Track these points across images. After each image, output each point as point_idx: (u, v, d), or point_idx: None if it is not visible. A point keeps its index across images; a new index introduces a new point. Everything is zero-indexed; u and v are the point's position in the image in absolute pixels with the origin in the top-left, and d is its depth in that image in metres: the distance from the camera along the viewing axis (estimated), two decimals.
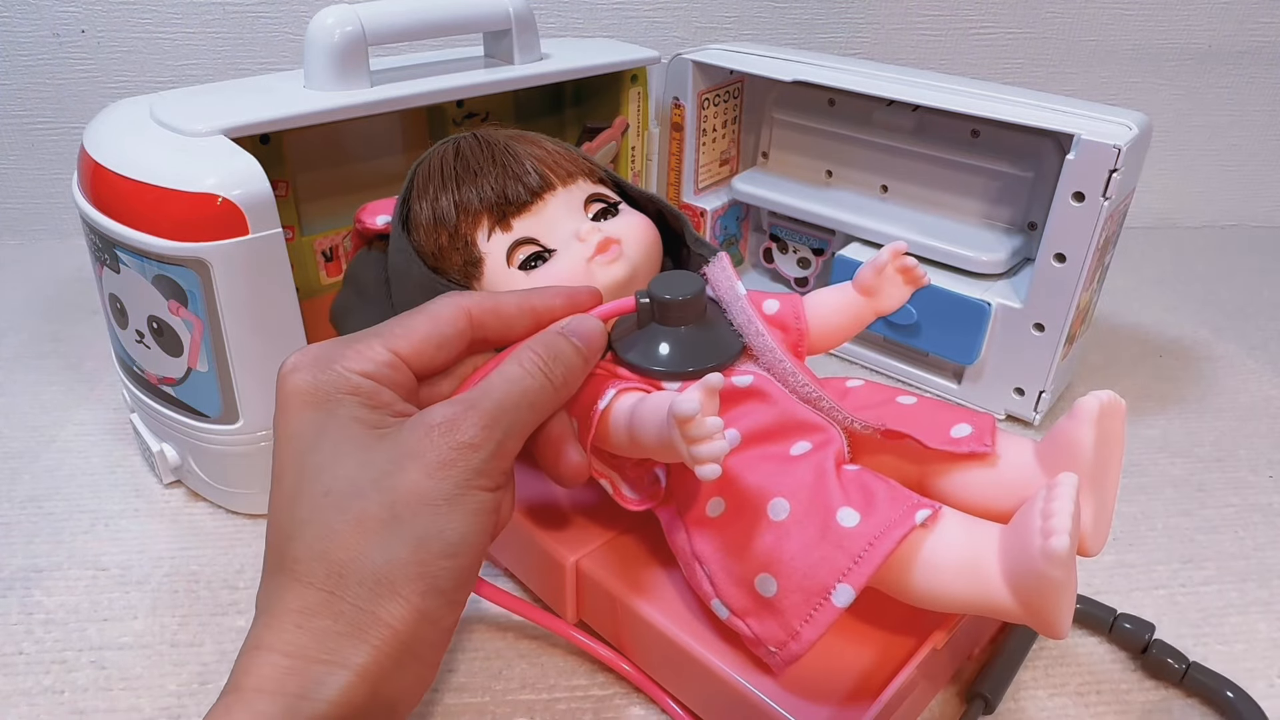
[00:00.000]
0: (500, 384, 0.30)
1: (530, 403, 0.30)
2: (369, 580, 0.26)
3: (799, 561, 0.29)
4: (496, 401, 0.29)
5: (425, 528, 0.27)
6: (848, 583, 0.28)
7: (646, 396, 0.32)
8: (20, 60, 0.71)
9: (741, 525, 0.31)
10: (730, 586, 0.31)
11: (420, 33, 0.47)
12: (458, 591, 0.28)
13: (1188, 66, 0.81)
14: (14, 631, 0.39)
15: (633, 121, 0.60)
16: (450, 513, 0.27)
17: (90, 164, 0.40)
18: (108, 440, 0.51)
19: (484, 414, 0.29)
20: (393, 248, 0.39)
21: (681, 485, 0.34)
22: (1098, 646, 0.39)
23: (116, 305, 0.42)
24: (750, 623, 0.31)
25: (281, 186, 0.50)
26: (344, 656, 0.26)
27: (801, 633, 0.29)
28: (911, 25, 0.78)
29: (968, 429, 0.33)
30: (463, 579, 0.28)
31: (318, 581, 0.26)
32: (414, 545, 0.27)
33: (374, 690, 0.26)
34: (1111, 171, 0.44)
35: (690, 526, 0.33)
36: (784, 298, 0.38)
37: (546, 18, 0.74)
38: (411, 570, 0.27)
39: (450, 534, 0.27)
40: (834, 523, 0.29)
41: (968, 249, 0.53)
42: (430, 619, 0.27)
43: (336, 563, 0.27)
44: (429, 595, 0.27)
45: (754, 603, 0.31)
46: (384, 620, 0.26)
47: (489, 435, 0.28)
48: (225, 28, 0.71)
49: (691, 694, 0.34)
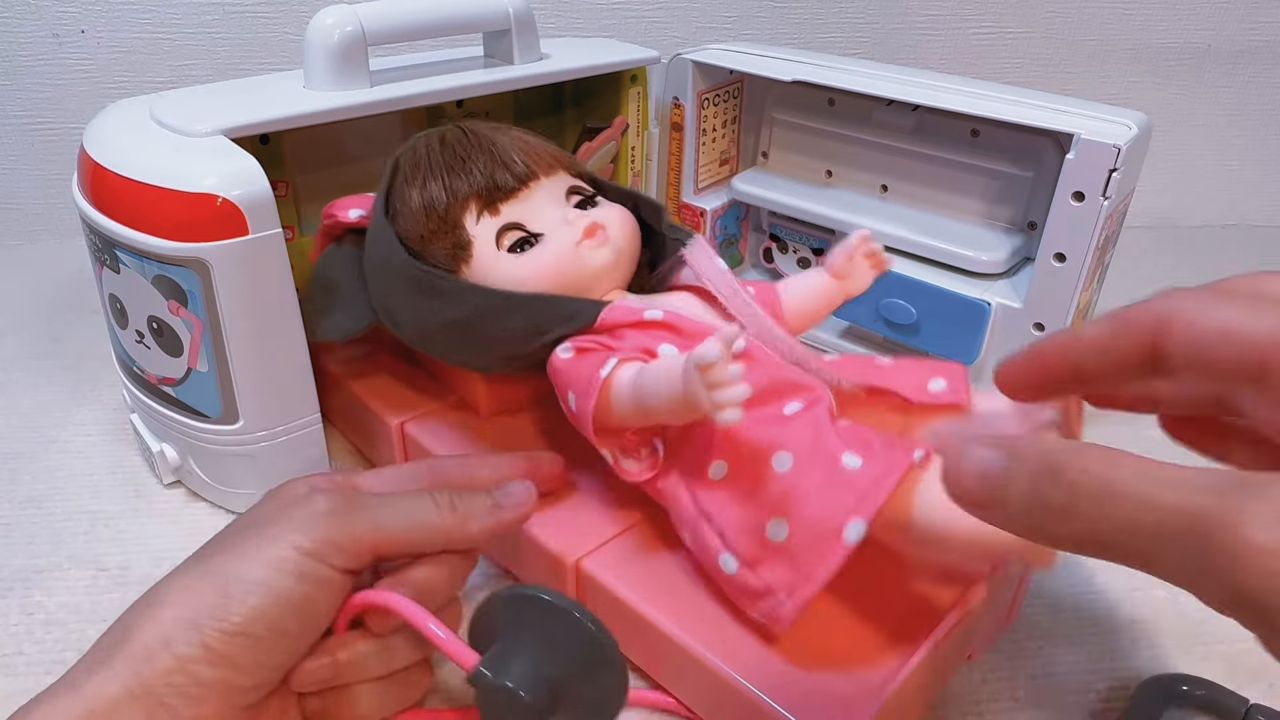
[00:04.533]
0: (395, 497, 0.31)
1: (407, 514, 0.31)
2: (144, 601, 0.28)
3: (810, 504, 0.30)
4: (374, 496, 0.31)
5: (214, 563, 0.28)
6: (859, 517, 0.29)
7: (648, 363, 0.34)
8: (20, 60, 0.71)
9: (747, 480, 0.32)
10: (740, 536, 0.32)
11: (420, 33, 0.47)
12: (219, 640, 0.26)
13: (1188, 66, 0.81)
14: (14, 632, 0.39)
15: (632, 121, 0.60)
16: (244, 554, 0.28)
17: (90, 164, 0.40)
18: (108, 440, 0.51)
19: (340, 497, 0.30)
20: (371, 239, 0.40)
21: (682, 453, 0.35)
22: None
23: (116, 305, 0.42)
24: (761, 571, 0.31)
25: (281, 186, 0.51)
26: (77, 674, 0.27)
27: (814, 573, 0.30)
28: (911, 25, 0.78)
29: (943, 383, 0.35)
30: (230, 627, 0.26)
31: (129, 611, 0.28)
32: (194, 576, 0.28)
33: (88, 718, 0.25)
34: (1111, 171, 0.44)
35: (695, 490, 0.34)
36: (759, 284, 0.40)
37: (546, 18, 0.74)
38: (177, 596, 0.27)
39: (230, 571, 0.28)
40: (839, 467, 0.30)
41: (968, 249, 0.53)
42: (174, 654, 0.26)
43: (149, 594, 0.28)
44: (182, 625, 0.26)
45: (765, 550, 0.31)
46: (130, 636, 0.27)
47: (333, 504, 0.29)
48: (225, 28, 0.71)
49: (693, 693, 0.34)
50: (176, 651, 0.26)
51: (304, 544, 0.28)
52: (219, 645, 0.26)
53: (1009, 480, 0.20)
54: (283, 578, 0.27)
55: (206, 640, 0.26)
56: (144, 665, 0.26)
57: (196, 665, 0.26)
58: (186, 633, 0.26)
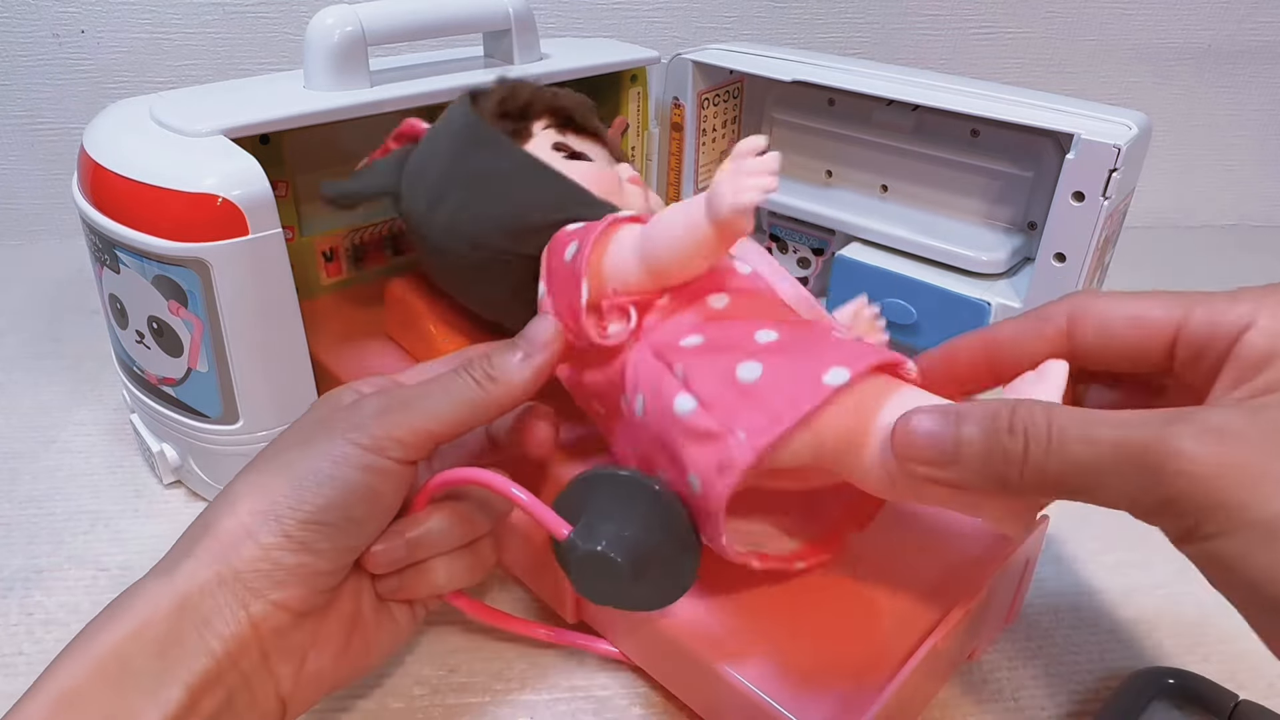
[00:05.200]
0: (431, 384, 0.32)
1: (446, 392, 0.32)
2: (220, 499, 0.29)
3: (790, 353, 0.29)
4: (413, 386, 0.32)
5: (283, 460, 0.30)
6: (843, 365, 0.27)
7: (654, 222, 0.33)
8: (20, 60, 0.71)
9: (726, 343, 0.31)
10: (704, 378, 0.29)
11: (420, 33, 0.47)
12: (298, 528, 0.28)
13: (1188, 66, 0.81)
14: (14, 632, 0.39)
15: (633, 121, 0.60)
16: (311, 452, 0.30)
17: (90, 164, 0.40)
18: (108, 440, 0.51)
19: (389, 395, 0.31)
20: (443, 118, 0.42)
21: (657, 327, 0.33)
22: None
23: (116, 305, 0.42)
24: (717, 414, 0.29)
25: (281, 186, 0.50)
26: (165, 565, 0.28)
27: (783, 413, 0.27)
28: (911, 25, 0.78)
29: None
30: (305, 516, 0.28)
31: (204, 512, 0.30)
32: (266, 473, 0.30)
33: (182, 600, 0.27)
34: (1111, 171, 0.44)
35: (665, 354, 0.32)
36: None
37: (546, 18, 0.74)
38: (254, 491, 0.29)
39: (301, 467, 0.29)
40: (830, 336, 0.30)
41: (968, 249, 0.53)
42: (258, 542, 0.28)
43: (217, 495, 0.30)
44: (261, 517, 0.28)
45: (729, 389, 0.29)
46: (212, 529, 0.28)
47: (380, 402, 0.31)
48: (225, 28, 0.71)
49: (692, 693, 0.34)
50: (260, 540, 0.28)
51: (364, 440, 0.30)
52: (297, 533, 0.28)
53: (960, 438, 0.24)
54: (349, 471, 0.29)
55: (286, 529, 0.28)
56: (230, 553, 0.28)
57: (278, 552, 0.28)
58: (267, 523, 0.28)
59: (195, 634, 0.27)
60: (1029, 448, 0.24)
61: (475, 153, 0.40)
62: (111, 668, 0.26)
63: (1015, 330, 0.29)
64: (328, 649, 0.30)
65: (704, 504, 0.29)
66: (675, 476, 0.30)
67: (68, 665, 0.26)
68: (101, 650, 0.26)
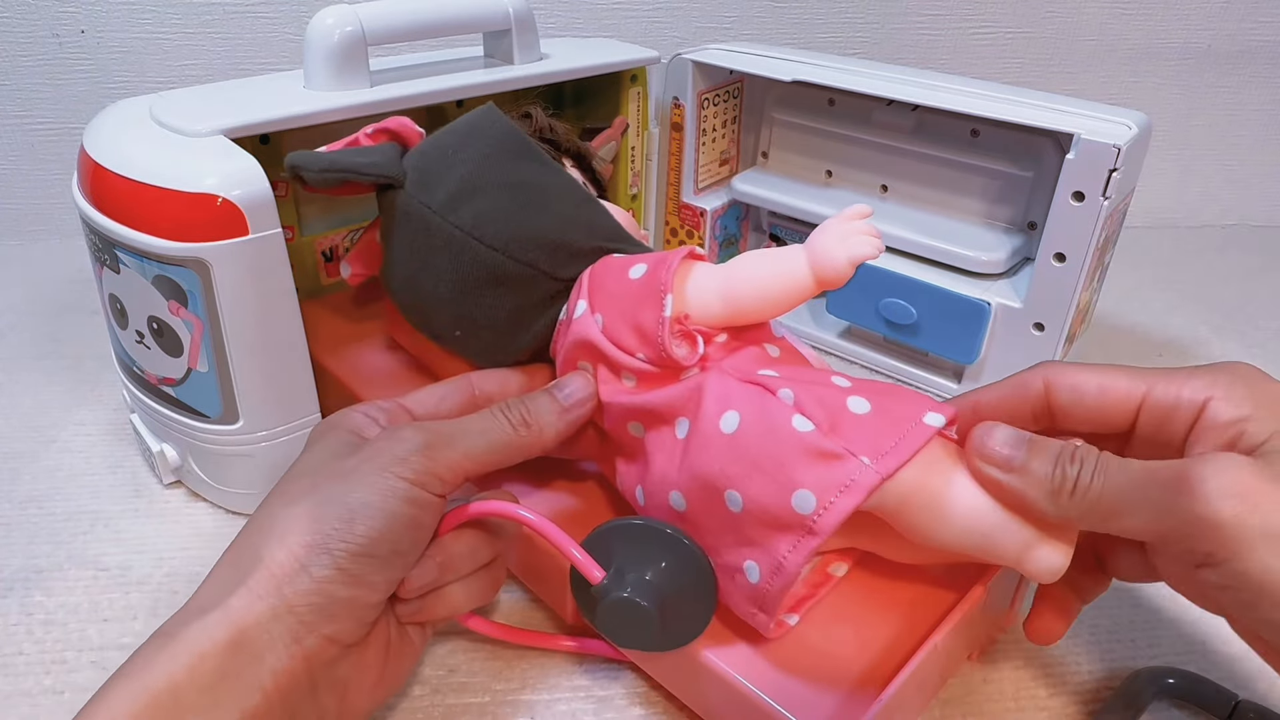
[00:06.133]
0: (471, 416, 0.34)
1: (483, 433, 0.33)
2: (265, 528, 0.30)
3: (885, 396, 0.31)
4: (450, 424, 0.33)
5: (329, 493, 0.30)
6: (935, 410, 0.31)
7: (738, 263, 0.35)
8: (20, 60, 0.71)
9: (814, 380, 0.32)
10: (816, 406, 0.31)
11: (420, 33, 0.47)
12: (350, 561, 0.29)
13: (1188, 66, 0.81)
14: (14, 632, 0.39)
15: (633, 121, 0.60)
16: (356, 485, 0.30)
17: (90, 164, 0.40)
18: (108, 440, 0.51)
19: (428, 430, 0.32)
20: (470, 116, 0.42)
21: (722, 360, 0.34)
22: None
23: (116, 305, 0.42)
24: (836, 439, 0.30)
25: (281, 186, 0.50)
26: (215, 595, 0.28)
27: (898, 446, 0.29)
28: (911, 25, 0.78)
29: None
30: (357, 549, 0.29)
31: (239, 543, 0.30)
32: (313, 505, 0.30)
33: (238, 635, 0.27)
34: (1111, 171, 0.44)
35: (759, 380, 0.33)
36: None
37: (546, 18, 0.74)
38: (303, 524, 0.29)
39: (351, 500, 0.29)
40: (892, 386, 0.33)
41: (968, 249, 0.53)
42: (312, 576, 0.28)
43: (253, 521, 0.30)
44: (314, 550, 0.28)
45: (845, 419, 0.30)
46: (264, 560, 0.28)
47: (423, 440, 0.31)
48: (225, 28, 0.71)
49: (692, 693, 0.34)
50: (314, 574, 0.28)
51: (409, 475, 0.30)
52: (349, 565, 0.29)
53: (1031, 454, 0.29)
54: (396, 504, 0.30)
55: (339, 562, 0.28)
56: (284, 586, 0.28)
57: (332, 585, 0.28)
58: (320, 556, 0.28)
59: (249, 670, 0.27)
60: (1081, 472, 0.28)
61: (519, 162, 0.39)
62: (166, 702, 0.25)
63: (999, 395, 0.34)
64: (367, 678, 0.31)
65: (813, 524, 0.29)
66: (768, 492, 0.30)
67: (120, 696, 0.26)
68: (155, 683, 0.26)
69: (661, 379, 0.34)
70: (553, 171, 0.40)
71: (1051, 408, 0.33)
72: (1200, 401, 0.30)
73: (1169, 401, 0.30)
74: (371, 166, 0.39)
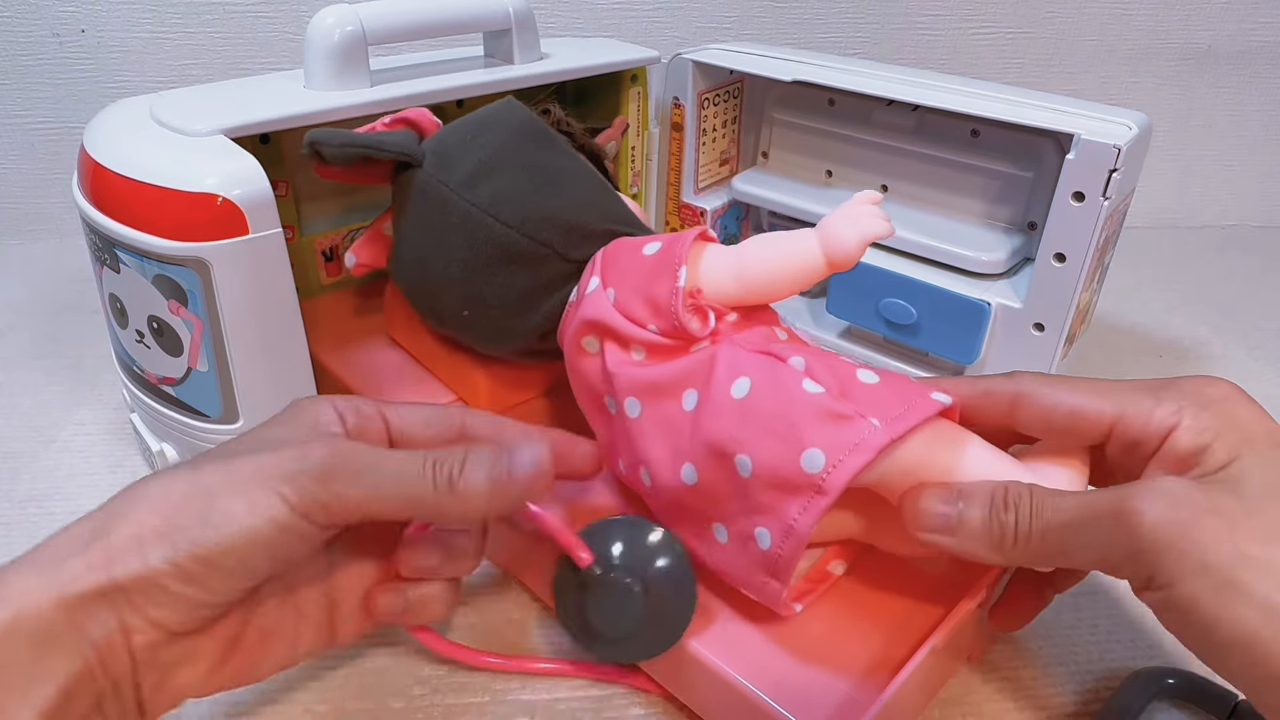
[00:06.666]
0: (398, 454, 0.30)
1: (398, 482, 0.30)
2: (138, 494, 0.28)
3: (888, 374, 0.32)
4: (368, 455, 0.30)
5: (205, 480, 0.28)
6: (940, 390, 0.31)
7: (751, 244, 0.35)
8: (20, 60, 0.71)
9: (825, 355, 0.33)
10: (826, 373, 0.31)
11: (420, 33, 0.47)
12: (190, 560, 0.27)
13: (1188, 66, 0.81)
14: None
15: (633, 121, 0.60)
16: (233, 483, 0.28)
17: (90, 164, 0.40)
18: (108, 440, 0.51)
19: (340, 454, 0.29)
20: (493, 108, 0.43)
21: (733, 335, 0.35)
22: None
23: (116, 305, 0.42)
24: (846, 403, 0.30)
25: (281, 186, 0.50)
26: (61, 550, 0.27)
27: (907, 413, 0.30)
28: (911, 25, 0.78)
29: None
30: (201, 553, 0.27)
31: (109, 501, 0.29)
32: (185, 486, 0.28)
33: (59, 602, 0.26)
34: (1111, 171, 0.44)
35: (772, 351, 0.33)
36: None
37: (546, 18, 0.74)
38: (163, 505, 0.28)
39: (218, 499, 0.28)
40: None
41: (968, 249, 0.53)
42: (146, 561, 0.27)
43: (145, 479, 0.29)
44: (158, 537, 0.27)
45: (854, 387, 0.31)
46: (110, 532, 0.27)
47: (326, 463, 0.29)
48: (225, 28, 0.71)
49: (691, 693, 0.34)
50: (149, 561, 0.27)
51: (292, 498, 0.28)
52: (187, 564, 0.27)
53: (966, 505, 0.29)
54: (264, 525, 0.28)
55: (178, 560, 0.27)
56: (116, 563, 0.27)
57: (165, 578, 0.27)
58: (161, 546, 0.27)
59: (71, 635, 0.26)
60: (1018, 518, 0.29)
61: (538, 148, 0.40)
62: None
63: (967, 395, 0.34)
64: (199, 666, 0.29)
65: (822, 482, 0.29)
66: (778, 453, 0.30)
67: None
68: None
69: (671, 351, 0.34)
70: (570, 158, 0.41)
71: (1019, 428, 0.33)
72: (1167, 429, 0.30)
73: (1137, 429, 0.30)
74: (392, 144, 0.40)
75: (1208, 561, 0.25)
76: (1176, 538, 0.26)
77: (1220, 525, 0.26)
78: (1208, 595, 0.25)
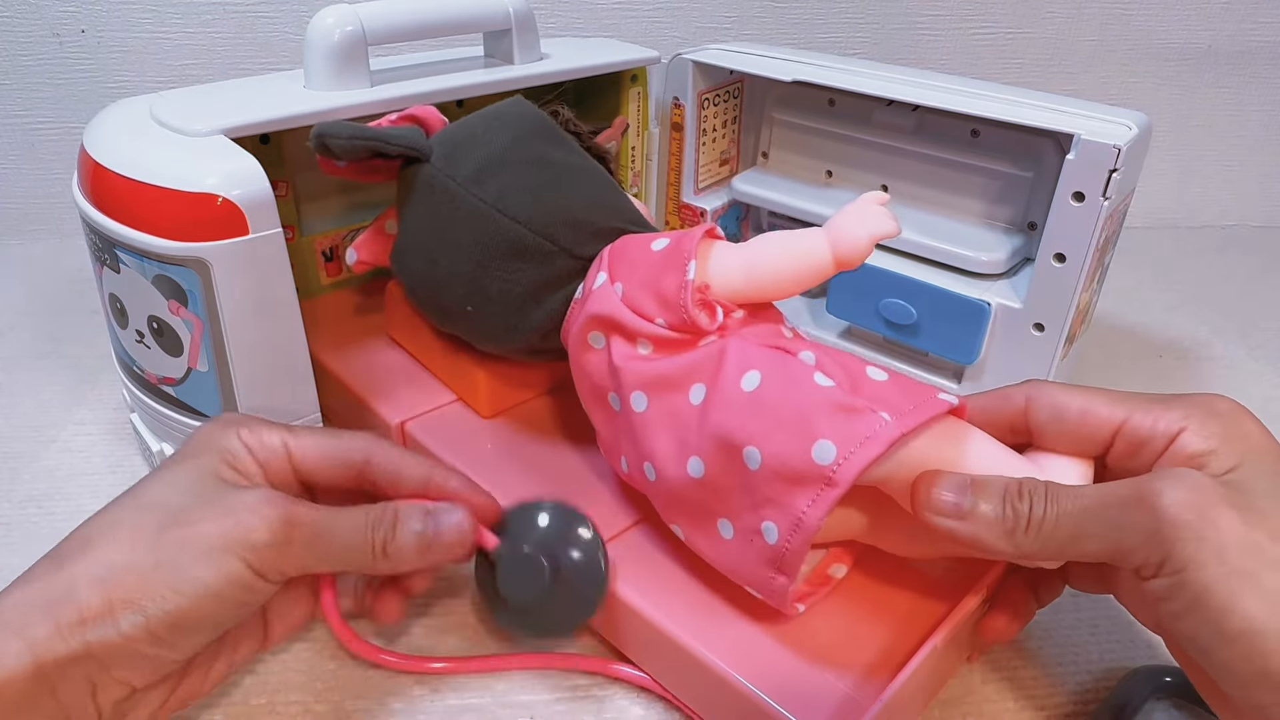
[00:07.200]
0: (342, 519, 0.32)
1: (344, 547, 0.32)
2: (93, 557, 0.29)
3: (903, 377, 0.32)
4: (317, 523, 0.32)
5: (165, 550, 0.29)
6: (948, 394, 0.31)
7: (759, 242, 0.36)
8: (20, 60, 0.71)
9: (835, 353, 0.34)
10: (836, 369, 0.32)
11: (420, 33, 0.47)
12: (162, 627, 0.28)
13: (1188, 66, 0.81)
14: None
15: (633, 121, 0.60)
16: (195, 552, 0.29)
17: (90, 164, 0.40)
18: (108, 440, 0.51)
19: (294, 523, 0.31)
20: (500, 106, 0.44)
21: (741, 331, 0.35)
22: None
23: (116, 305, 0.42)
24: (858, 396, 0.31)
25: (281, 186, 0.51)
26: (22, 614, 0.28)
27: (919, 408, 0.30)
28: (911, 25, 0.78)
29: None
30: (173, 620, 0.29)
31: (63, 551, 0.30)
32: (146, 554, 0.29)
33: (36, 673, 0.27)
34: (1111, 171, 0.44)
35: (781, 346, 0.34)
36: None
37: (546, 18, 0.74)
38: (129, 577, 0.29)
39: (183, 568, 0.29)
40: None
41: (968, 249, 0.53)
42: (119, 630, 0.28)
43: (89, 536, 0.30)
44: (129, 607, 0.28)
45: (864, 382, 0.31)
46: (77, 598, 0.28)
47: (283, 534, 0.30)
48: (225, 28, 0.71)
49: (691, 692, 0.34)
50: (121, 628, 0.28)
51: (255, 563, 0.30)
52: (161, 630, 0.29)
53: (978, 496, 0.30)
54: (229, 587, 0.30)
55: (150, 626, 0.28)
56: (89, 631, 0.28)
57: (138, 644, 0.28)
58: (131, 614, 0.28)
59: (46, 700, 0.28)
60: (1032, 506, 0.29)
61: (547, 146, 0.41)
62: None
63: (979, 405, 0.35)
64: (154, 703, 0.31)
65: (833, 474, 0.29)
66: (788, 445, 0.30)
67: None
68: None
69: (679, 345, 0.34)
70: (578, 155, 0.41)
71: (1030, 425, 0.34)
72: (1173, 433, 0.30)
73: (1145, 430, 0.31)
74: (401, 138, 0.39)
75: (1225, 547, 0.26)
76: (1195, 521, 0.26)
77: (1236, 516, 0.26)
78: (1221, 582, 0.25)
